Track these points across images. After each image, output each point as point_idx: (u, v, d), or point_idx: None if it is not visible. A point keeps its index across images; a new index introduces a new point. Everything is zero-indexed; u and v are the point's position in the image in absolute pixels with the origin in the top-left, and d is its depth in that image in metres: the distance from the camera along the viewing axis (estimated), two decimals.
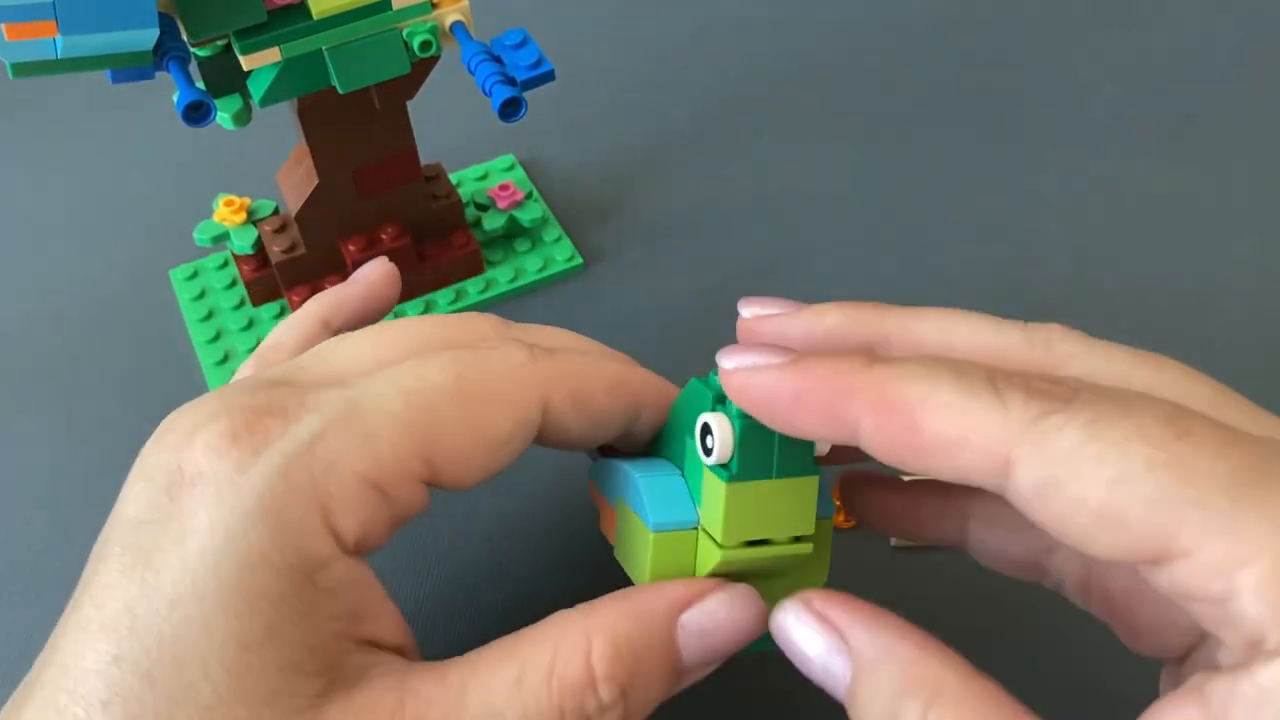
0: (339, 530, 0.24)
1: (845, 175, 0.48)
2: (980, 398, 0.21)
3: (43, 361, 0.43)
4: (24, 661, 0.35)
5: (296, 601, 0.23)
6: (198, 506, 0.23)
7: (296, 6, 0.35)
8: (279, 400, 0.25)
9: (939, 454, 0.21)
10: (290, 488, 0.23)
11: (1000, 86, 0.52)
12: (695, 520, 0.26)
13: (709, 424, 0.24)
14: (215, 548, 0.23)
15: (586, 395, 0.27)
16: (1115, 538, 0.20)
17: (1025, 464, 0.20)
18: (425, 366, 0.26)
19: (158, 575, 0.23)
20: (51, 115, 0.54)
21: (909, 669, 0.22)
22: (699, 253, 0.46)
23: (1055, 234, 0.45)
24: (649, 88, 0.53)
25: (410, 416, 0.25)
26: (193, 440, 0.24)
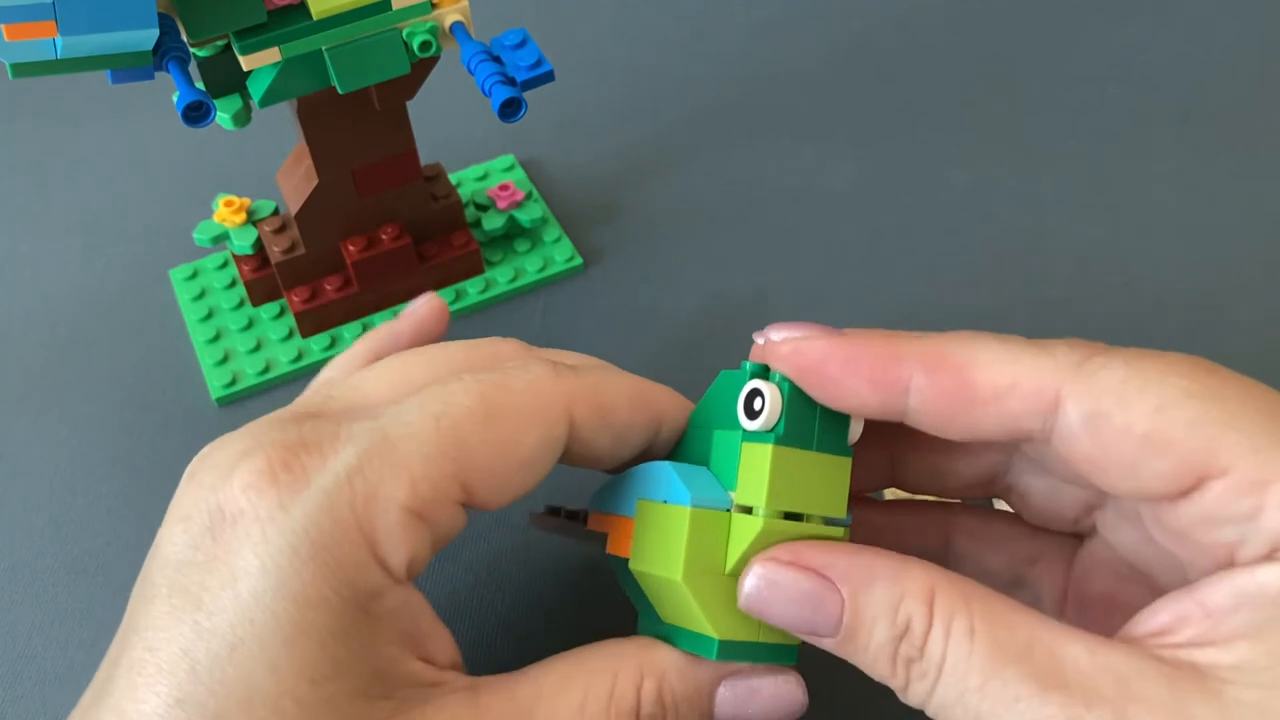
0: (386, 561, 0.24)
1: (845, 175, 0.48)
2: (1027, 350, 0.24)
3: (42, 361, 0.43)
4: (24, 661, 0.35)
5: (356, 633, 0.23)
6: (242, 546, 0.23)
7: (296, 6, 0.35)
8: (312, 434, 0.25)
9: (991, 402, 0.23)
10: (335, 524, 0.23)
11: (1001, 86, 0.52)
12: (729, 503, 0.26)
13: (759, 389, 0.25)
14: (270, 588, 0.23)
15: (610, 409, 0.27)
16: (1160, 463, 0.22)
17: (1074, 399, 0.23)
18: (450, 389, 0.26)
19: (211, 618, 0.23)
20: (51, 115, 0.54)
21: (900, 578, 0.23)
22: (699, 253, 0.46)
23: (1056, 234, 0.45)
24: (649, 88, 0.53)
25: (441, 441, 0.25)
26: (230, 479, 0.24)
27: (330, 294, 0.42)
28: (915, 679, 0.23)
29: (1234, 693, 0.21)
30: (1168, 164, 0.48)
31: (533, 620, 0.35)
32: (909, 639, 0.23)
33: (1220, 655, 0.21)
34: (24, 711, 0.34)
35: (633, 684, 0.26)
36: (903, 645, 0.23)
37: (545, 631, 0.35)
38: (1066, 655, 0.22)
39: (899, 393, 0.24)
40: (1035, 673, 0.22)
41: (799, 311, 0.43)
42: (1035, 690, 0.21)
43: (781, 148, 0.50)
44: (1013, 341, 0.24)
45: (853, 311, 0.43)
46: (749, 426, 0.25)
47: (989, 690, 0.22)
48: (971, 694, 0.22)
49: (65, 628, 0.36)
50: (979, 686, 0.22)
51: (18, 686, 0.34)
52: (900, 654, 0.23)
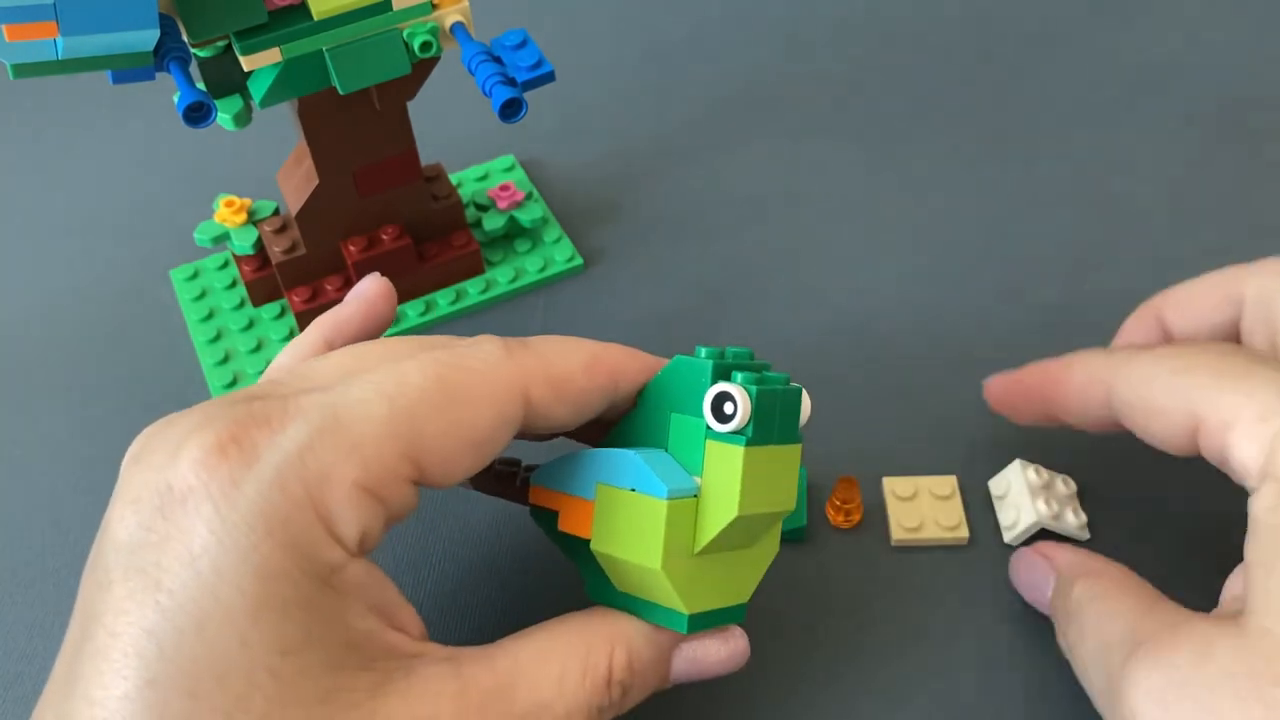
0: (341, 536, 0.24)
1: (845, 175, 0.48)
2: (1097, 358, 0.33)
3: (43, 361, 0.43)
4: (24, 661, 0.35)
5: (324, 605, 0.24)
6: (195, 523, 0.23)
7: (297, 7, 0.35)
8: (261, 411, 0.25)
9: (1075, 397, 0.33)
10: (289, 500, 0.24)
11: (1001, 86, 0.52)
12: (695, 489, 0.27)
13: (729, 394, 0.26)
14: (231, 564, 0.23)
15: (565, 381, 0.28)
16: (1162, 426, 0.30)
17: (1114, 390, 0.31)
18: (404, 368, 0.26)
19: (173, 597, 0.23)
20: (51, 115, 0.54)
21: (1079, 568, 0.31)
22: (699, 253, 0.46)
23: (1055, 233, 0.45)
24: (649, 88, 0.53)
25: (394, 421, 0.25)
26: (178, 456, 0.24)
27: (331, 294, 0.43)
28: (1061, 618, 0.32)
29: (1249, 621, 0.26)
30: (1168, 164, 0.48)
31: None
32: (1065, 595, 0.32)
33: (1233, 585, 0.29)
34: (24, 712, 0.34)
35: (605, 654, 0.27)
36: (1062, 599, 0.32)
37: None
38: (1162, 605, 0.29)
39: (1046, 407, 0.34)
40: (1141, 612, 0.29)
41: (798, 312, 0.43)
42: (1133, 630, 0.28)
43: (781, 148, 0.50)
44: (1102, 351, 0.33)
45: (853, 311, 0.43)
46: (718, 428, 0.27)
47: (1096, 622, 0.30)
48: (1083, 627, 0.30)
49: (66, 628, 0.36)
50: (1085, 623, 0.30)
51: (18, 687, 0.34)
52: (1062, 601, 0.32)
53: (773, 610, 0.34)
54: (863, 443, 0.38)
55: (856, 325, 0.42)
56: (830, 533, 0.36)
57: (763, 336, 0.42)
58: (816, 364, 0.41)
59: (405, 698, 0.24)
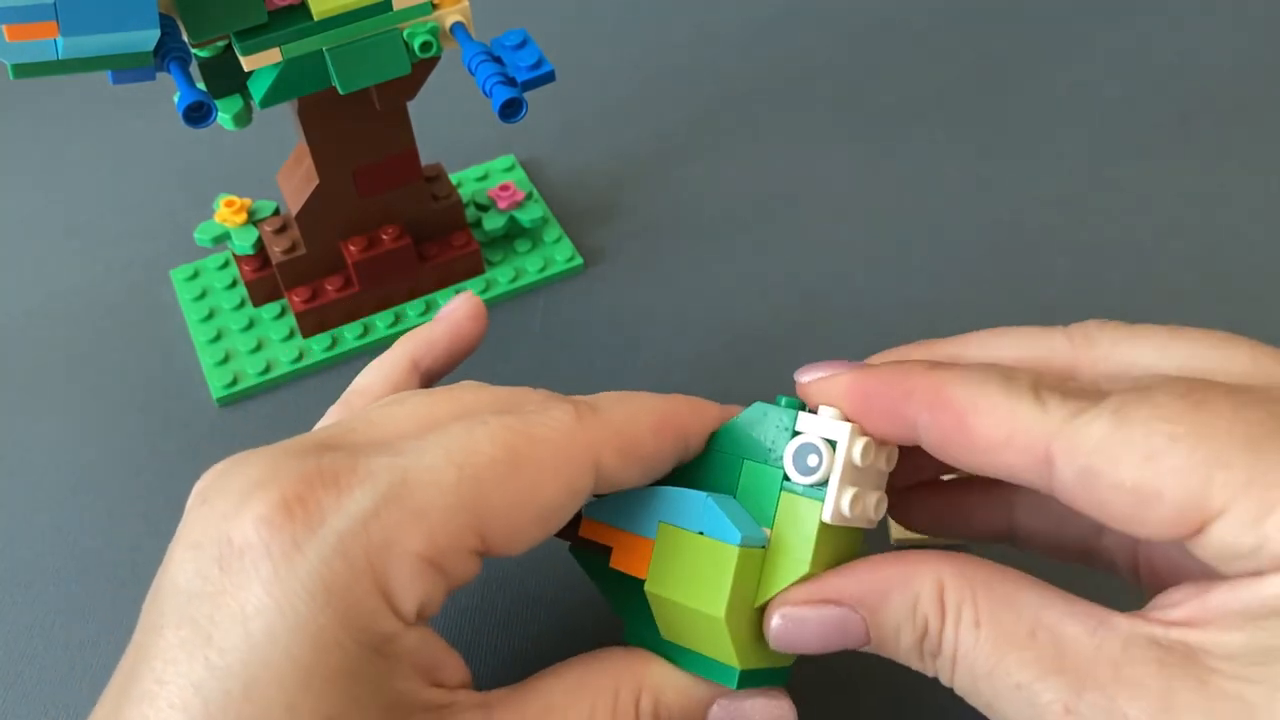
0: (400, 608, 0.24)
1: (845, 175, 0.48)
2: (1023, 401, 0.23)
3: (43, 362, 0.43)
4: (24, 661, 0.35)
5: (372, 673, 0.23)
6: (252, 581, 0.23)
7: (297, 7, 0.35)
8: (329, 468, 0.24)
9: (987, 452, 0.24)
10: (350, 568, 0.23)
11: (1000, 86, 0.52)
12: (765, 540, 0.27)
13: (816, 448, 0.26)
14: (285, 630, 0.22)
15: (636, 446, 0.27)
16: (1156, 514, 0.22)
17: (1064, 458, 0.23)
18: (474, 435, 0.25)
19: (224, 656, 0.22)
20: (52, 115, 0.54)
21: (909, 582, 0.25)
22: (699, 253, 0.46)
23: (1055, 233, 0.45)
24: (649, 88, 0.53)
25: (461, 491, 0.24)
26: (243, 509, 0.24)
27: (331, 294, 0.43)
28: (941, 670, 0.24)
29: (1219, 683, 0.21)
30: (1167, 164, 0.48)
31: (533, 621, 0.35)
32: (929, 638, 0.24)
33: (1213, 639, 0.22)
34: (25, 711, 0.34)
35: (632, 698, 0.27)
36: (925, 642, 0.24)
37: (543, 631, 0.35)
38: (1067, 636, 0.22)
39: (909, 427, 0.25)
40: (1036, 658, 0.22)
41: (798, 312, 0.43)
42: (1035, 675, 0.22)
43: (782, 147, 0.50)
44: (1013, 383, 0.24)
45: (853, 311, 0.43)
46: (800, 481, 0.26)
47: (995, 677, 0.23)
48: (981, 681, 0.23)
49: (66, 628, 0.36)
50: (987, 674, 0.23)
51: (19, 686, 0.34)
52: (925, 650, 0.25)
53: None
54: None
55: (856, 325, 0.42)
56: None
57: (763, 336, 0.42)
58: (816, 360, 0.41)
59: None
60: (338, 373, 0.43)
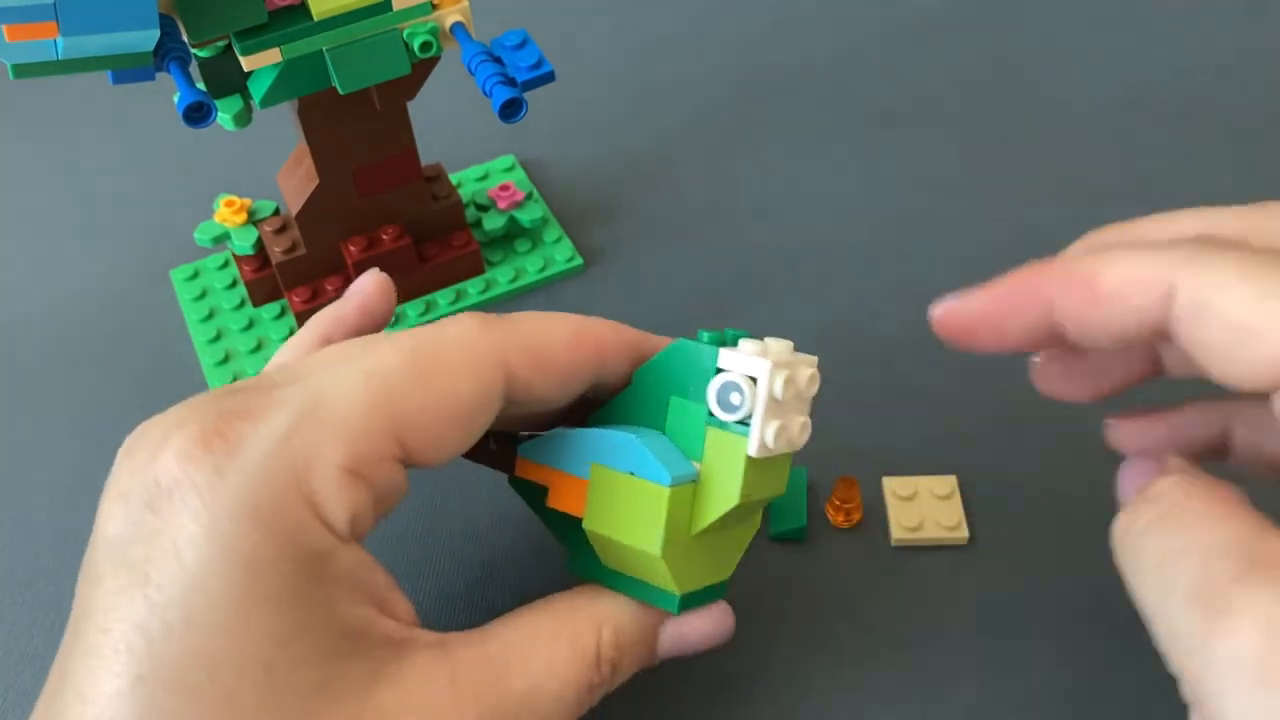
0: (330, 521, 0.24)
1: (845, 174, 0.48)
2: (1149, 249, 0.24)
3: (43, 361, 0.43)
4: (24, 661, 0.35)
5: (314, 593, 0.23)
6: (182, 516, 0.23)
7: (297, 7, 0.35)
8: (244, 402, 0.25)
9: (1114, 301, 0.24)
10: (274, 487, 0.23)
11: (1000, 86, 0.52)
12: (695, 474, 0.27)
13: (737, 385, 0.26)
14: (216, 556, 0.23)
15: (547, 351, 0.28)
16: (1251, 352, 0.22)
17: (1182, 288, 0.23)
18: (379, 347, 0.26)
19: (161, 591, 0.23)
20: (52, 115, 0.54)
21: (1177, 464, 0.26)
22: (699, 253, 0.46)
23: (1055, 232, 0.45)
24: (649, 88, 0.53)
25: (373, 397, 0.25)
26: (163, 450, 0.24)
27: (331, 294, 0.43)
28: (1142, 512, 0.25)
29: None
30: (1167, 163, 0.48)
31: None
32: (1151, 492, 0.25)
33: None
34: (25, 712, 0.34)
35: (593, 634, 0.28)
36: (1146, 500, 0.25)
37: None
38: None
39: (1046, 310, 0.26)
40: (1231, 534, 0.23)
41: (799, 312, 0.43)
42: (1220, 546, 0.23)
43: (782, 147, 0.50)
44: (1145, 240, 0.26)
45: (854, 310, 0.43)
46: (724, 417, 0.27)
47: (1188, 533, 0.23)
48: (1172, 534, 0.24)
49: (65, 628, 0.36)
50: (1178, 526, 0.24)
51: (18, 686, 0.34)
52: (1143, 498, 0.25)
53: (772, 610, 0.34)
54: (863, 443, 0.38)
55: (856, 324, 0.42)
56: (830, 533, 0.36)
57: (762, 335, 0.42)
58: None
59: (398, 686, 0.24)
60: None
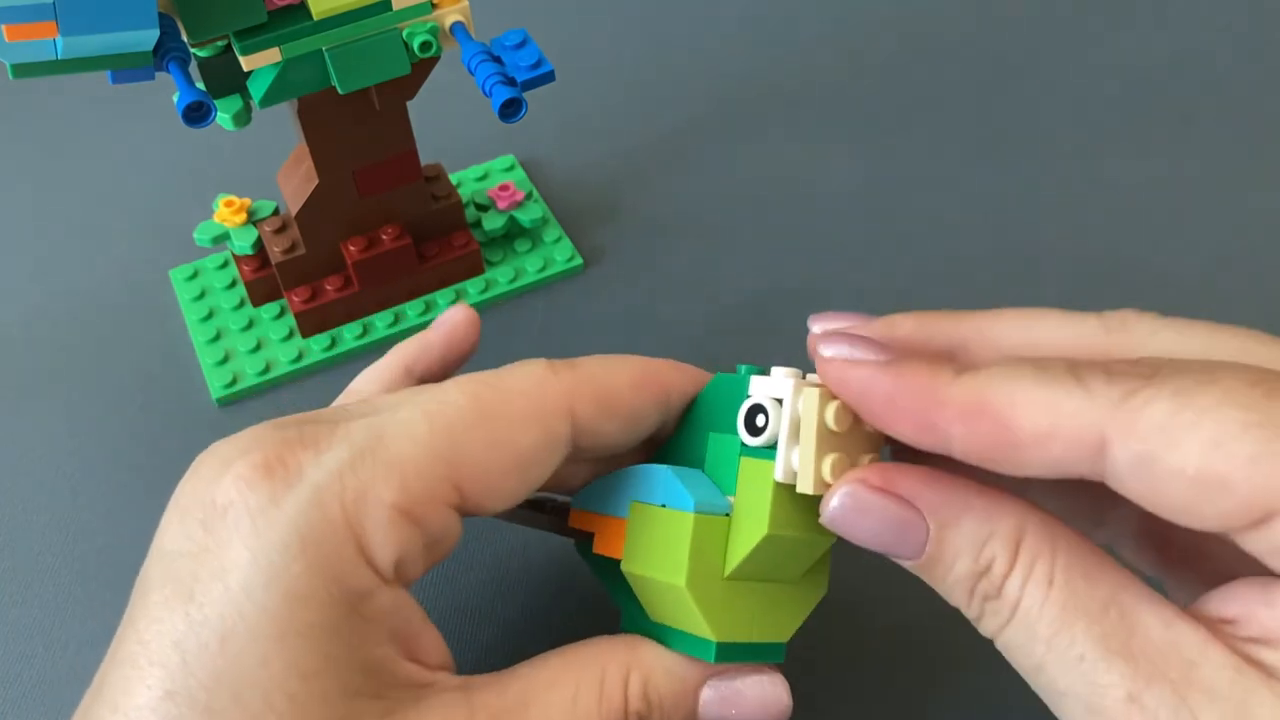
0: (376, 561, 0.24)
1: (845, 174, 0.48)
2: (1065, 387, 0.22)
3: (43, 361, 0.43)
4: (23, 661, 0.35)
5: (347, 631, 0.23)
6: (232, 538, 0.23)
7: (297, 7, 0.35)
8: (310, 433, 0.25)
9: (1034, 449, 0.22)
10: (325, 520, 0.23)
11: (1001, 85, 0.52)
12: (728, 508, 0.26)
13: (762, 406, 0.25)
14: (260, 582, 0.23)
15: (613, 397, 0.27)
16: (1219, 504, 0.20)
17: (1119, 443, 0.21)
18: (444, 389, 0.26)
19: (202, 610, 0.23)
20: (51, 115, 0.54)
21: (990, 517, 0.23)
22: (699, 253, 0.46)
23: (1056, 232, 0.45)
24: (649, 88, 0.53)
25: (434, 440, 0.25)
26: (225, 473, 0.24)
27: (331, 294, 0.43)
28: (989, 615, 0.23)
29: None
30: (1167, 163, 0.48)
31: (527, 617, 0.35)
32: (988, 578, 0.23)
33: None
34: (24, 712, 0.34)
35: (620, 681, 0.26)
36: (982, 582, 0.23)
37: (539, 629, 0.35)
38: (1140, 623, 0.21)
39: (941, 438, 0.23)
40: (1104, 636, 0.21)
41: (798, 311, 0.43)
42: (1100, 654, 0.21)
43: (782, 148, 0.50)
44: (1049, 373, 0.22)
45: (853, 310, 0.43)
46: (750, 442, 0.25)
47: (1055, 644, 0.22)
48: (1038, 643, 0.22)
49: (66, 628, 0.36)
50: (1047, 637, 0.22)
51: (18, 686, 0.34)
52: (978, 589, 0.23)
53: None
54: None
55: None
56: None
57: (762, 335, 0.42)
58: None
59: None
60: (337, 373, 0.42)
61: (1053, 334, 0.25)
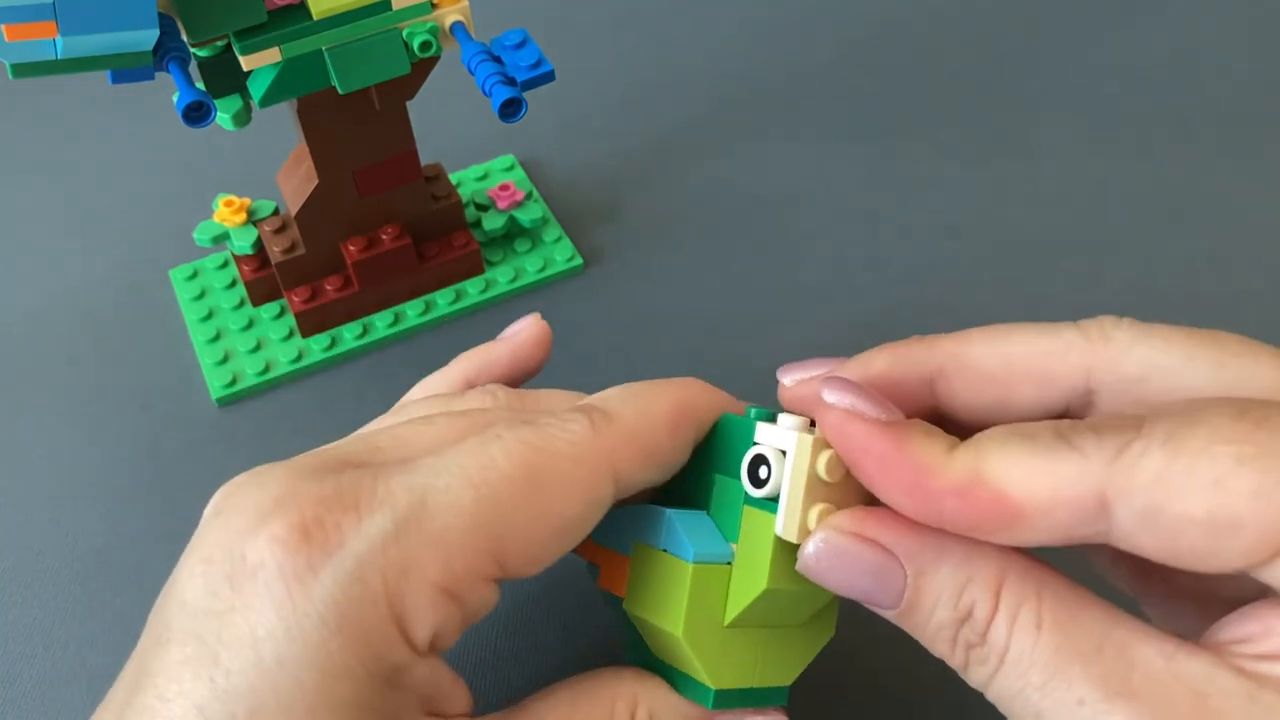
0: (413, 637, 0.23)
1: (845, 174, 0.48)
2: (1057, 454, 0.21)
3: (43, 361, 0.43)
4: (23, 661, 0.35)
5: (379, 703, 0.23)
6: (264, 603, 0.22)
7: (297, 6, 0.35)
8: (351, 490, 0.24)
9: (1038, 519, 0.21)
10: (365, 595, 0.23)
11: (1001, 85, 0.52)
12: (729, 556, 0.26)
13: (764, 457, 0.24)
14: (294, 656, 0.22)
15: (653, 447, 0.26)
16: (1233, 543, 0.20)
17: (1121, 500, 0.20)
18: (491, 452, 0.24)
19: (229, 678, 0.22)
20: (51, 115, 0.54)
21: (969, 562, 0.22)
22: (699, 253, 0.46)
23: (1055, 232, 0.45)
24: (649, 88, 0.53)
25: (480, 514, 0.24)
26: (258, 529, 0.23)
27: (330, 294, 0.43)
28: (975, 663, 0.22)
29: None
30: (1166, 163, 0.48)
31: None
32: (971, 624, 0.22)
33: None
34: (24, 712, 0.34)
35: (627, 714, 0.26)
36: (964, 629, 0.22)
37: (551, 658, 0.35)
38: (1139, 658, 0.20)
39: (933, 509, 0.22)
40: (1103, 676, 0.20)
41: (799, 312, 0.43)
42: (1101, 696, 0.20)
43: (782, 147, 0.50)
44: (1039, 440, 0.22)
45: (854, 310, 0.43)
46: (753, 493, 0.25)
47: (1051, 689, 0.21)
48: (1033, 690, 0.21)
49: (66, 628, 0.36)
50: (1041, 684, 0.21)
51: (17, 686, 0.34)
52: (961, 637, 0.22)
53: None
54: None
55: (857, 324, 0.42)
56: None
57: (762, 336, 0.42)
58: None
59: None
60: (337, 372, 0.42)
61: (1027, 349, 0.25)
